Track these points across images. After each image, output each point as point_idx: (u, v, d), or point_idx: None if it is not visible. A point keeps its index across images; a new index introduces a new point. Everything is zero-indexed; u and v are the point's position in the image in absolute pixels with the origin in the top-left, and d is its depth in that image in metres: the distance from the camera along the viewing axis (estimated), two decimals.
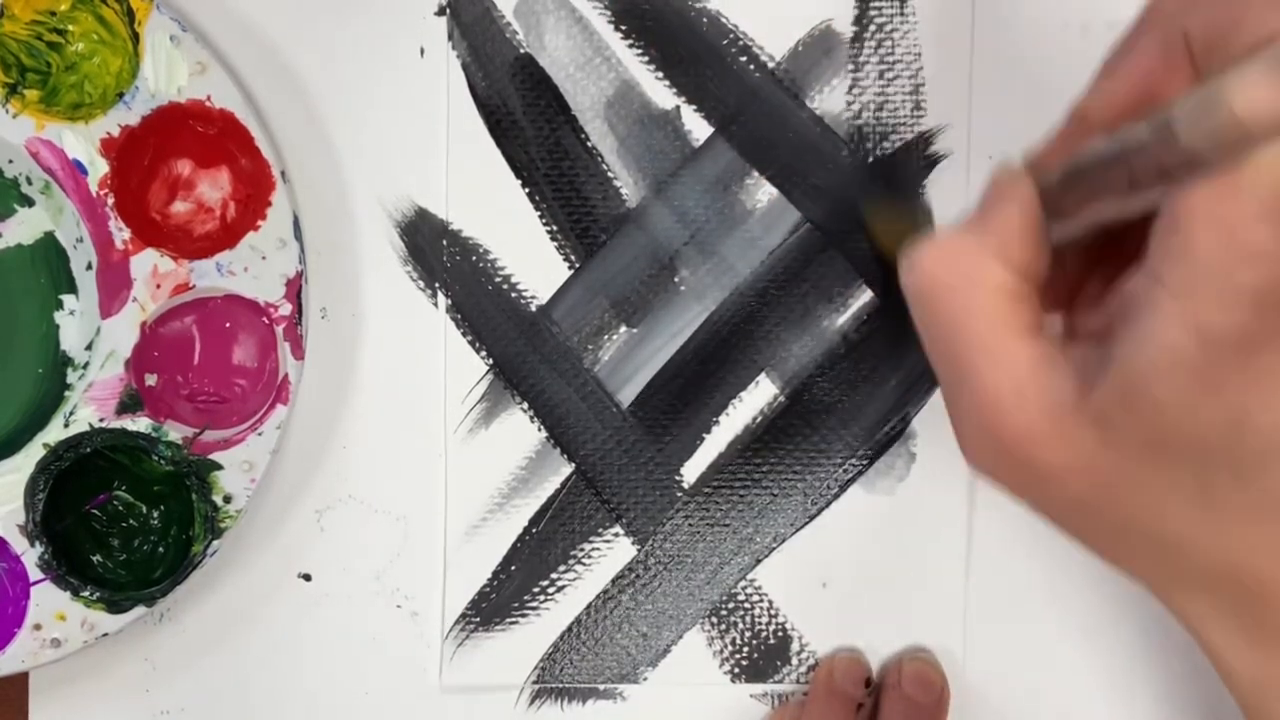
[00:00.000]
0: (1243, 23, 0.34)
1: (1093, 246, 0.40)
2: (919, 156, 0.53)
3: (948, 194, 0.53)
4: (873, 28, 0.53)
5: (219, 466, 0.51)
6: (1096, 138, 0.36)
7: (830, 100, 0.54)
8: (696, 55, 0.53)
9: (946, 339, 0.38)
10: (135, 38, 0.51)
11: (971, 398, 0.37)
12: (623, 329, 0.54)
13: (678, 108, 0.54)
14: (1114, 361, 0.35)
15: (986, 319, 0.37)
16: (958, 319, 0.37)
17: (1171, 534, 0.36)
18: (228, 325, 0.52)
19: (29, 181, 0.52)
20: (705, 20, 0.53)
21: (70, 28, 0.51)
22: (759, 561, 0.54)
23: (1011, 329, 0.37)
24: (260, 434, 0.52)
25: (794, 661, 0.54)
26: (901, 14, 0.53)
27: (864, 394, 0.54)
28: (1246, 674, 0.38)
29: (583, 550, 0.54)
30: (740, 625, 0.54)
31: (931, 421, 0.54)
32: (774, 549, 0.54)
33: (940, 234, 0.38)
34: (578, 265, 0.54)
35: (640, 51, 0.54)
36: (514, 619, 0.54)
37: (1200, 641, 0.38)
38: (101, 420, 0.51)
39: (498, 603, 0.54)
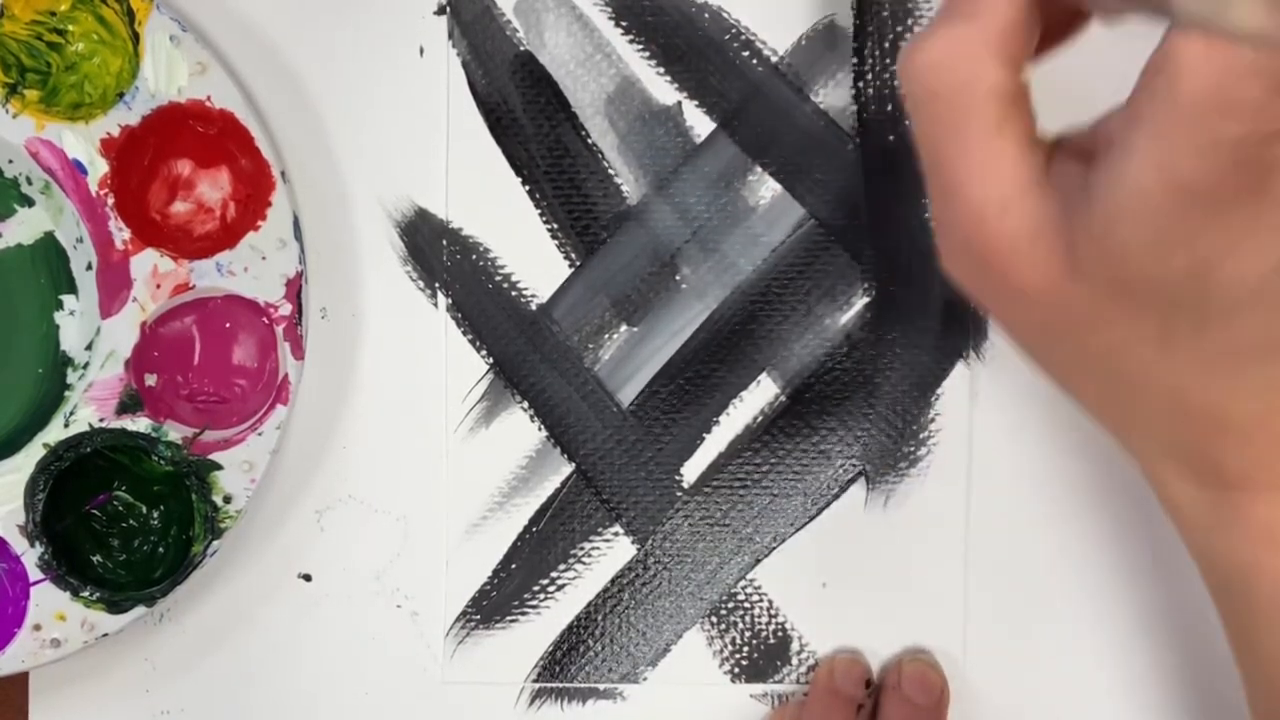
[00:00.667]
0: None
1: None
2: None
3: None
4: (876, 21, 0.53)
5: (219, 466, 0.51)
6: None
7: (834, 94, 0.53)
8: (698, 50, 0.53)
9: (940, 141, 0.37)
10: (135, 38, 0.51)
11: (958, 207, 0.37)
12: (623, 328, 0.54)
13: (679, 104, 0.53)
14: (1089, 196, 0.35)
15: (980, 125, 0.36)
16: (952, 123, 0.36)
17: (1130, 371, 0.37)
18: (228, 325, 0.52)
19: (29, 181, 0.53)
20: (706, 15, 0.53)
21: (70, 28, 0.51)
22: (759, 561, 0.54)
23: (1005, 136, 0.36)
24: (260, 434, 0.52)
25: (794, 661, 0.54)
26: (905, 7, 0.53)
27: (865, 394, 0.53)
28: (1193, 513, 0.39)
29: (583, 549, 0.54)
30: (740, 625, 0.54)
31: (933, 421, 0.53)
32: (774, 549, 0.54)
33: (931, 31, 0.37)
34: (578, 263, 0.54)
35: (641, 47, 0.53)
36: (514, 617, 0.54)
37: (1151, 481, 0.39)
38: (101, 420, 0.51)
39: (498, 601, 0.54)
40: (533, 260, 0.54)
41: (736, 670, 0.54)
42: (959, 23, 0.36)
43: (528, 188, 0.54)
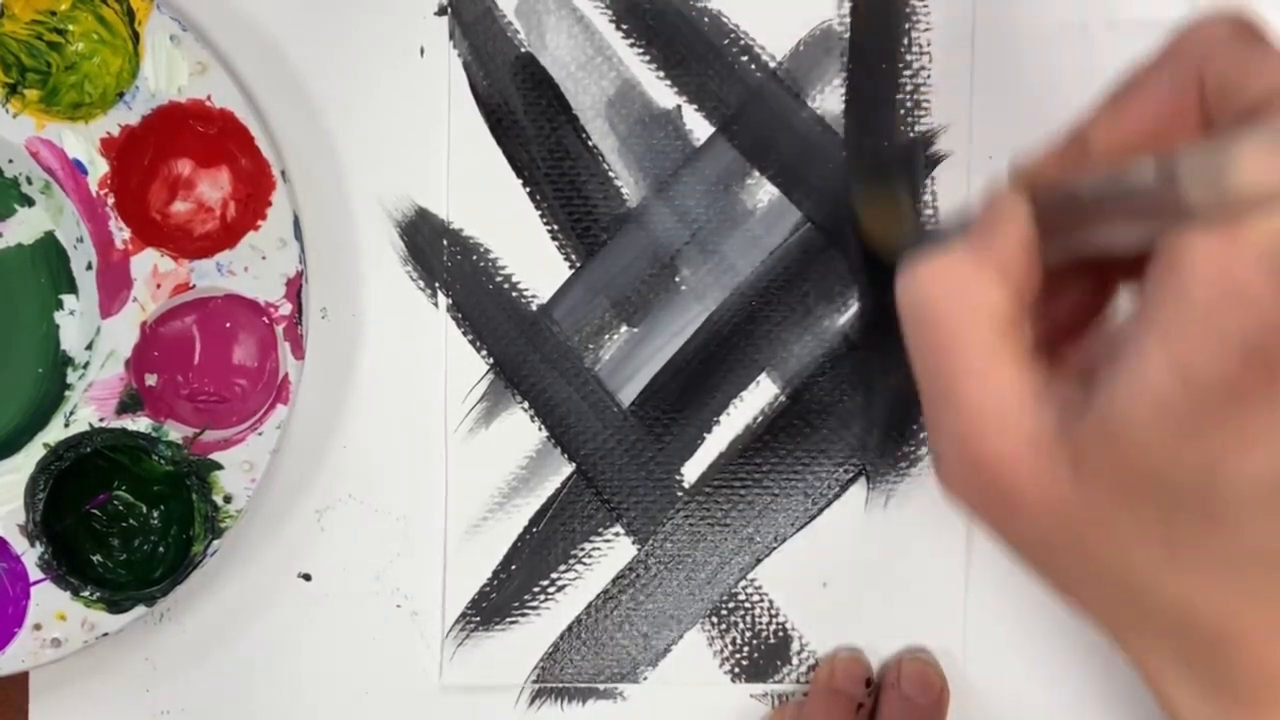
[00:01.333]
0: (1258, 76, 0.33)
1: (1084, 273, 0.40)
2: (920, 156, 0.53)
3: (949, 193, 0.53)
4: (870, 26, 0.53)
5: (219, 466, 0.51)
6: (1096, 168, 0.36)
7: (831, 100, 0.54)
8: (698, 55, 0.53)
9: (936, 358, 0.37)
10: (135, 37, 0.51)
11: (954, 419, 0.37)
12: (623, 328, 0.54)
13: (679, 107, 0.54)
14: (1096, 400, 0.34)
15: (979, 341, 0.36)
16: (950, 338, 0.37)
17: (1135, 578, 0.36)
18: (228, 325, 0.52)
19: (29, 181, 0.52)
20: (706, 20, 0.53)
21: (70, 27, 0.51)
22: (759, 561, 0.54)
23: (1002, 354, 0.36)
24: (260, 434, 0.52)
25: (794, 661, 0.54)
26: (900, 12, 0.53)
27: (864, 393, 0.54)
28: None
29: (583, 550, 0.54)
30: (740, 625, 0.54)
31: None
32: (774, 548, 0.54)
33: (937, 251, 0.37)
34: (578, 265, 0.54)
35: (641, 51, 0.54)
36: (514, 618, 0.54)
37: (1154, 690, 0.38)
38: (101, 420, 0.51)
39: (498, 602, 0.54)
40: (533, 261, 0.54)
41: (737, 670, 0.54)
42: (960, 246, 0.37)
43: (528, 189, 0.54)
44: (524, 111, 0.54)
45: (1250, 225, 0.31)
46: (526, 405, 0.54)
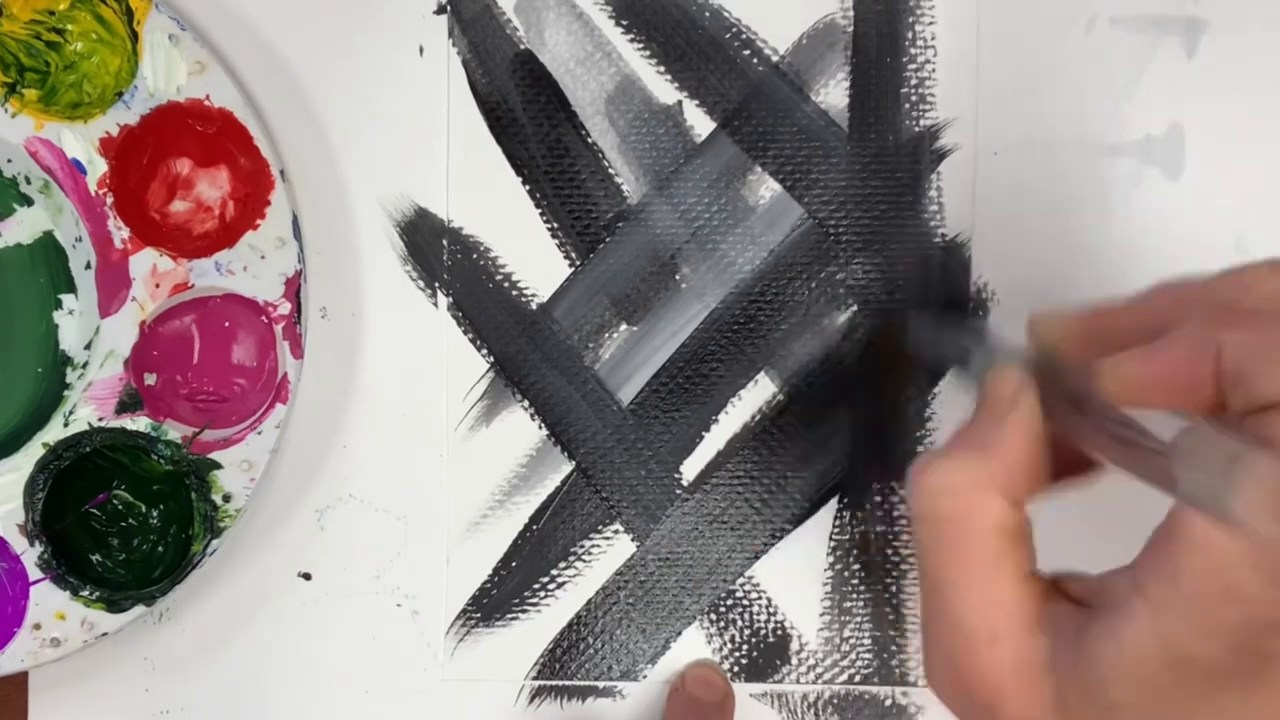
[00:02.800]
0: (1271, 373, 0.33)
1: None
2: (925, 151, 0.53)
3: (954, 188, 0.53)
4: (874, 19, 0.53)
5: (218, 466, 0.51)
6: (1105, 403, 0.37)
7: (835, 94, 0.53)
8: (698, 49, 0.53)
9: (938, 566, 0.38)
10: (134, 37, 0.51)
11: (948, 629, 0.38)
12: (623, 327, 0.54)
13: (679, 103, 0.53)
14: (1083, 650, 0.35)
15: (979, 557, 0.37)
16: (951, 550, 0.38)
17: None
18: (227, 324, 0.52)
19: (28, 181, 0.53)
20: (707, 14, 0.53)
21: (69, 27, 0.51)
22: (757, 558, 0.54)
23: (1001, 573, 0.37)
24: (260, 433, 0.52)
25: (794, 661, 0.54)
26: (904, 4, 0.53)
27: (863, 392, 0.53)
28: None
29: (582, 547, 0.54)
30: (739, 623, 0.54)
31: (929, 420, 0.53)
32: (772, 546, 0.54)
33: (944, 456, 0.38)
34: (578, 263, 0.54)
35: (641, 46, 0.53)
36: (514, 615, 0.54)
37: None
38: (101, 419, 0.51)
39: (498, 599, 0.54)
40: (533, 259, 0.54)
41: (736, 669, 0.54)
42: (970, 453, 0.38)
43: (528, 187, 0.53)
44: (523, 109, 0.53)
45: (1248, 533, 0.32)
46: (526, 404, 0.54)
